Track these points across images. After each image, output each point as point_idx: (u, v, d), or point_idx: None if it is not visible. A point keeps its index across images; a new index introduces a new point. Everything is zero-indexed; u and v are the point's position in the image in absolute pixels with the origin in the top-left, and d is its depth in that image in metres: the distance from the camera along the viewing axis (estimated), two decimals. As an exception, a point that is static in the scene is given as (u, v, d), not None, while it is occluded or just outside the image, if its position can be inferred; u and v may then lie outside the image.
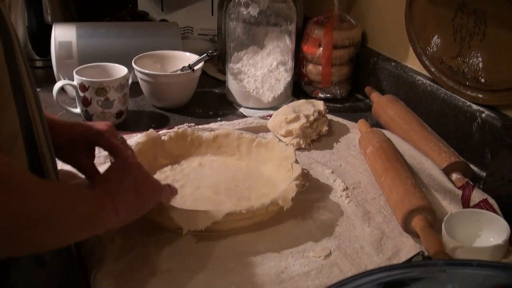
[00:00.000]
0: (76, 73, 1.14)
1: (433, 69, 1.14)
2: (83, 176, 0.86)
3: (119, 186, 0.70)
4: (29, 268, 0.64)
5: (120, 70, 1.18)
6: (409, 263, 0.72)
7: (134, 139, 1.02)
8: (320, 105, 1.14)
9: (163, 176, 0.96)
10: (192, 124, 1.13)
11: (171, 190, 0.82)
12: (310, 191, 0.93)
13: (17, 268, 0.61)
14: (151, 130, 0.99)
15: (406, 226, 0.84)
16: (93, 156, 0.88)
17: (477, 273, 0.52)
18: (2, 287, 0.60)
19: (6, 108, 0.59)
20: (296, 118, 1.08)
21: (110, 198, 0.66)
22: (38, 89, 0.71)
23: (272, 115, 1.15)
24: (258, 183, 0.95)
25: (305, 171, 0.95)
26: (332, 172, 1.00)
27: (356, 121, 1.15)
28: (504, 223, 0.80)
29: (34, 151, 0.65)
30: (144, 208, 0.75)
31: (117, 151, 0.84)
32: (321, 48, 1.28)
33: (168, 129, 1.08)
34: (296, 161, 0.93)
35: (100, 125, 0.86)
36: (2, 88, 0.59)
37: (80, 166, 0.85)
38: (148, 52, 1.29)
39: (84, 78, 1.12)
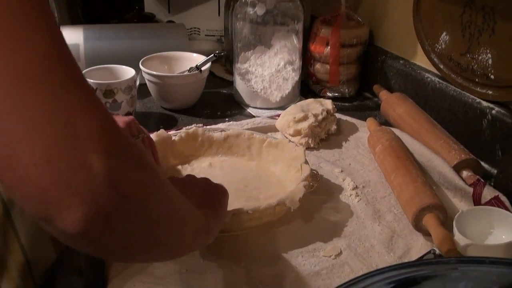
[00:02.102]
0: (84, 75, 1.14)
1: (441, 66, 1.13)
2: None
3: (203, 199, 0.67)
4: (70, 277, 0.63)
5: (128, 72, 1.18)
6: (420, 261, 0.71)
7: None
8: (329, 104, 1.13)
9: (172, 177, 0.96)
10: (200, 125, 1.13)
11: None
12: (319, 190, 0.92)
13: (62, 278, 0.61)
14: (161, 130, 0.99)
15: (417, 224, 0.83)
16: None
17: (490, 270, 0.51)
18: None
19: None
20: (305, 118, 1.08)
21: (209, 211, 0.64)
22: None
23: (280, 114, 1.14)
24: (268, 183, 0.95)
25: (314, 171, 0.94)
26: (341, 171, 0.99)
27: (364, 119, 1.14)
28: (516, 220, 0.79)
29: None
30: (223, 214, 0.72)
31: None
32: (329, 47, 1.28)
33: (177, 130, 1.08)
34: (306, 162, 0.93)
35: (119, 121, 0.83)
36: None
37: None
38: (155, 54, 1.29)
39: (91, 80, 1.12)
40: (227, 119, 1.21)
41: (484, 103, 1.04)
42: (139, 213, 0.44)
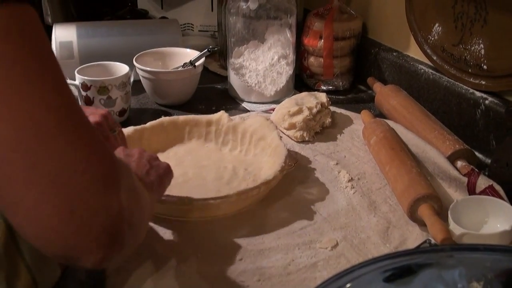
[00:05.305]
0: (78, 72, 1.14)
1: (435, 58, 1.14)
2: None
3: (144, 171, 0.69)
4: None
5: (122, 68, 1.18)
6: (415, 250, 0.72)
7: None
8: (323, 97, 1.14)
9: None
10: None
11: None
12: (314, 183, 0.93)
13: None
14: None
15: (412, 215, 0.83)
16: None
17: (485, 257, 0.52)
18: None
19: None
20: (299, 111, 1.08)
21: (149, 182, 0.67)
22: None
23: (274, 108, 1.14)
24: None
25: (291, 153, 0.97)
26: (337, 164, 1.00)
27: (359, 112, 1.15)
28: (510, 209, 0.79)
29: None
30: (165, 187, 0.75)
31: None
32: (322, 40, 1.28)
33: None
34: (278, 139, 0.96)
35: (95, 116, 0.82)
36: None
37: None
38: (149, 50, 1.29)
39: (86, 77, 1.12)
40: (222, 114, 1.21)
41: (477, 94, 1.04)
42: (139, 225, 0.49)
